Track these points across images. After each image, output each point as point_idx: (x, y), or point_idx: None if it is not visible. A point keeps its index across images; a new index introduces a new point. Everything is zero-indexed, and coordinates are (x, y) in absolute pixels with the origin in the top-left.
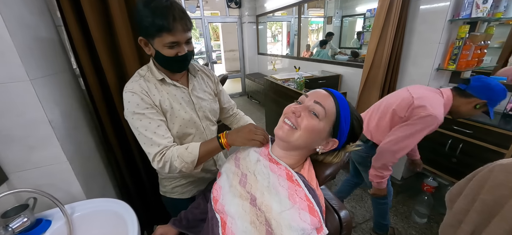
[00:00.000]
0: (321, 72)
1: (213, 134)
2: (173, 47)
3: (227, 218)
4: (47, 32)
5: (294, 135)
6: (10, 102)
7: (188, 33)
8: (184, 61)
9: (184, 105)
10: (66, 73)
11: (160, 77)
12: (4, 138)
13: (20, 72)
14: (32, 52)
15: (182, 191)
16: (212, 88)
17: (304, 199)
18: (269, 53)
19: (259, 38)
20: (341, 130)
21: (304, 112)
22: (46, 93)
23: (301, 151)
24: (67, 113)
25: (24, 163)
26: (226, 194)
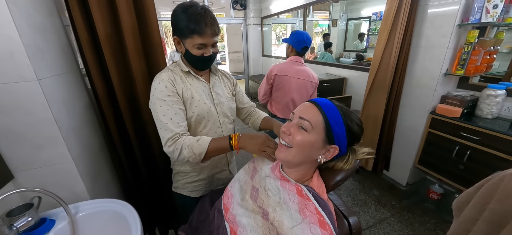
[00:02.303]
0: (325, 75)
1: (229, 131)
2: (201, 48)
3: (238, 228)
4: (55, 33)
5: (290, 154)
6: (18, 101)
7: (215, 38)
8: (208, 61)
9: (204, 97)
10: (73, 73)
11: (186, 69)
12: (12, 137)
13: (29, 72)
14: (40, 52)
15: (192, 189)
16: (230, 89)
17: (314, 213)
18: (273, 55)
19: (264, 40)
20: (336, 135)
21: (293, 128)
22: (53, 93)
23: (305, 165)
24: (73, 113)
25: (30, 162)
26: (237, 205)
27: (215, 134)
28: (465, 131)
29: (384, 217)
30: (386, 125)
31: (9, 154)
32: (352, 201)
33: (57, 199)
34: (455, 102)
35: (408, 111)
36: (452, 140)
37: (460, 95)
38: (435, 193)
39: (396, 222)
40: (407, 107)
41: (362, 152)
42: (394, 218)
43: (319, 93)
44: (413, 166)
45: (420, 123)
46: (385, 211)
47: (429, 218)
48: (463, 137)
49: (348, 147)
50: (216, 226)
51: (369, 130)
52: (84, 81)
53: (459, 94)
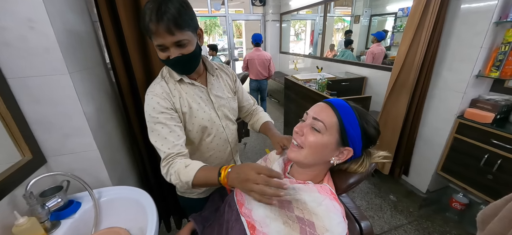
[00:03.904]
0: (345, 73)
1: (232, 133)
2: (163, 50)
3: (256, 222)
4: (85, 29)
5: (301, 154)
6: (52, 92)
7: (175, 36)
8: (178, 64)
9: (203, 104)
10: (100, 68)
11: (178, 78)
12: (46, 125)
13: (61, 65)
14: (71, 48)
15: (200, 191)
16: (231, 86)
17: (331, 194)
18: (291, 52)
19: (282, 37)
20: (350, 137)
21: (306, 129)
22: (82, 86)
23: (317, 167)
24: (99, 105)
25: (61, 149)
26: (252, 200)
27: (220, 140)
28: (497, 139)
29: (400, 224)
30: (407, 128)
31: (43, 141)
32: (366, 204)
33: (84, 184)
34: (487, 107)
35: (432, 114)
36: (481, 148)
37: (493, 99)
38: (459, 203)
39: (413, 230)
40: (431, 110)
41: (378, 155)
42: (411, 225)
43: (336, 92)
44: (435, 173)
45: (446, 128)
46: (402, 217)
47: (450, 229)
48: (494, 144)
49: (363, 149)
50: (226, 219)
51: (388, 133)
52: (109, 75)
53: (492, 98)
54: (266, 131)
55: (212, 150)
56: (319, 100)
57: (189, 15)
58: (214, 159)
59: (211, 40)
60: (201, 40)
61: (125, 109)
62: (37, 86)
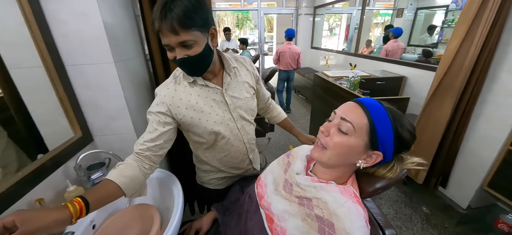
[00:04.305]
0: (381, 72)
1: (248, 135)
2: (170, 50)
3: (274, 215)
4: (129, 22)
5: (325, 155)
6: (100, 79)
7: (180, 36)
8: (184, 65)
9: (216, 107)
10: (140, 58)
11: (191, 79)
12: (94, 107)
13: (108, 55)
14: (117, 39)
15: (218, 183)
16: (250, 83)
17: (354, 196)
18: (323, 48)
19: (314, 31)
20: (381, 141)
21: (332, 129)
22: (124, 74)
23: (341, 168)
24: (138, 92)
25: (105, 129)
26: (272, 193)
27: (235, 141)
28: None
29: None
30: (450, 136)
31: (91, 122)
32: (394, 213)
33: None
34: None
35: (483, 121)
36: None
37: None
38: (507, 225)
39: None
40: (482, 117)
41: (411, 161)
42: None
43: (369, 92)
44: (480, 188)
45: (499, 138)
46: (434, 232)
47: None
48: None
49: (394, 154)
50: (246, 209)
51: (426, 139)
52: (148, 66)
53: None
54: (288, 127)
55: (226, 151)
56: (349, 99)
57: (199, 14)
58: (229, 159)
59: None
60: (214, 40)
61: None
62: (88, 73)
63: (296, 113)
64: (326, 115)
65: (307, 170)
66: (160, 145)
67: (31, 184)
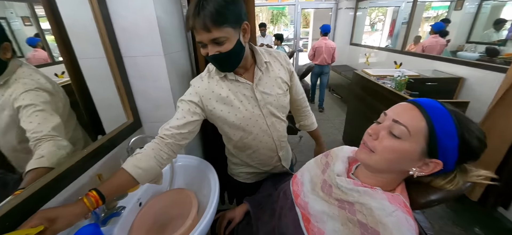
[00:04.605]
0: (432, 71)
1: (278, 132)
2: (203, 47)
3: (311, 215)
4: (177, 17)
5: (372, 159)
6: (151, 70)
7: (212, 34)
8: (216, 62)
9: (246, 102)
10: (184, 52)
11: (222, 74)
12: (144, 96)
13: (159, 48)
14: (167, 33)
15: (246, 177)
16: (284, 79)
17: (404, 206)
18: (363, 44)
19: (355, 27)
20: (442, 148)
21: (382, 132)
22: (171, 66)
23: (390, 175)
24: (181, 83)
25: (152, 117)
26: (309, 193)
27: (263, 137)
28: None
29: None
30: None
31: (141, 109)
32: (438, 230)
33: None
34: None
35: None
36: None
37: None
38: None
39: None
40: None
41: (477, 174)
42: None
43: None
44: None
45: None
46: None
47: None
48: None
49: (457, 164)
50: (280, 206)
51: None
52: (191, 59)
53: None
54: (316, 136)
55: (254, 147)
56: (394, 100)
57: (231, 10)
58: (258, 155)
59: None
60: (246, 36)
61: None
62: (142, 64)
63: (330, 113)
64: (364, 116)
65: (348, 173)
66: (183, 135)
67: (93, 160)
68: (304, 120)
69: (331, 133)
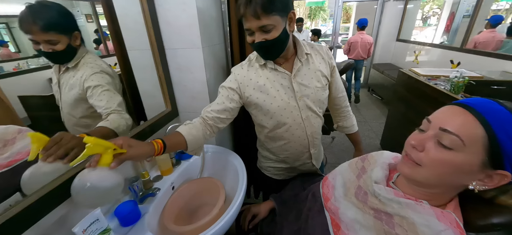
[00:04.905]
0: (499, 73)
1: (313, 127)
2: (250, 35)
3: (342, 222)
4: (216, 11)
5: (419, 173)
6: (189, 62)
7: (261, 21)
8: (261, 49)
9: (282, 92)
10: (221, 45)
11: (262, 62)
12: (182, 87)
13: (198, 41)
14: (206, 26)
15: (274, 172)
16: (324, 74)
17: (456, 227)
18: (412, 40)
19: (404, 21)
20: (509, 157)
21: (429, 143)
22: (207, 58)
23: (440, 188)
24: (216, 76)
25: (187, 107)
26: (341, 198)
27: (297, 130)
28: None
29: None
30: None
31: (178, 99)
32: None
33: None
34: None
35: None
36: None
37: None
38: None
39: None
40: None
41: None
42: None
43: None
44: None
45: None
46: None
47: None
48: None
49: None
50: (308, 207)
51: None
52: (227, 52)
53: None
54: (354, 140)
55: (286, 139)
56: (447, 103)
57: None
58: (289, 148)
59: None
60: (292, 25)
61: None
62: (181, 56)
63: (367, 114)
64: (408, 120)
65: (388, 181)
66: (221, 119)
67: None
68: (343, 120)
69: (367, 136)
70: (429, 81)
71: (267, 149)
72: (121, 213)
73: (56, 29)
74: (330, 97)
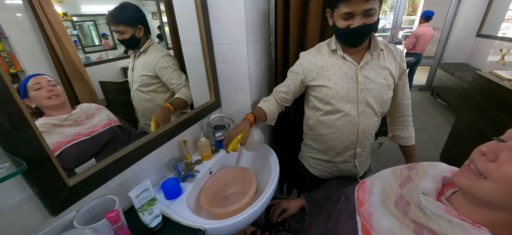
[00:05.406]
0: None
1: (366, 125)
2: (346, 19)
3: (374, 230)
4: (263, 8)
5: (481, 187)
6: (233, 56)
7: (368, 4)
8: (354, 34)
9: (344, 80)
10: (265, 41)
11: (333, 47)
12: (226, 80)
13: (243, 36)
14: (251, 23)
15: (313, 165)
16: (392, 73)
17: None
18: (500, 35)
19: (490, 11)
20: None
21: (506, 154)
22: (251, 54)
23: (506, 214)
24: (258, 71)
25: (230, 99)
26: (377, 204)
27: (349, 123)
28: None
29: None
30: None
31: (222, 91)
32: None
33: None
34: None
35: None
36: None
37: None
38: None
39: None
40: None
41: None
42: None
43: None
44: None
45: None
46: None
47: None
48: None
49: None
50: (339, 210)
51: None
52: (270, 48)
53: None
54: (408, 156)
55: (336, 128)
56: None
57: None
58: (335, 138)
59: None
60: (380, 12)
61: (275, 77)
62: (227, 51)
63: (428, 122)
64: (480, 132)
65: (438, 196)
66: (287, 99)
67: (182, 129)
68: (401, 130)
69: (424, 146)
70: None
71: (312, 137)
72: (166, 187)
73: (124, 23)
74: (394, 102)
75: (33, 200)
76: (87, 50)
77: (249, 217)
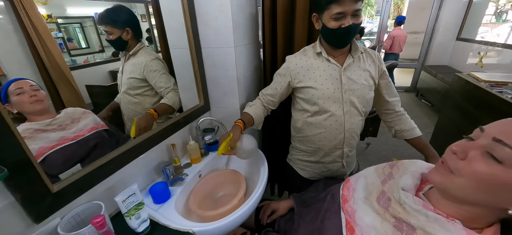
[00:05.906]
0: None
1: (352, 124)
2: (338, 19)
3: (357, 226)
4: (250, 12)
5: (452, 182)
6: (222, 60)
7: (357, 4)
8: (345, 34)
9: (330, 81)
10: (253, 45)
11: (318, 50)
12: (215, 84)
13: (230, 40)
14: (239, 26)
15: (302, 167)
16: (372, 75)
17: None
18: (478, 39)
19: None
20: None
21: (474, 152)
22: (239, 58)
23: (478, 209)
24: (247, 74)
25: (219, 102)
26: (360, 201)
27: (335, 122)
28: None
29: None
30: None
31: (211, 95)
32: None
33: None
34: None
35: None
36: None
37: None
38: None
39: None
40: None
41: None
42: None
43: None
44: None
45: None
46: None
47: None
48: None
49: None
50: (325, 208)
51: None
52: (259, 51)
53: None
54: (421, 146)
55: (323, 128)
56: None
57: None
58: (322, 138)
59: None
60: None
61: (264, 80)
62: (215, 55)
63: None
64: (461, 132)
65: (417, 191)
66: (273, 102)
67: (170, 132)
68: (399, 124)
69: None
70: (492, 88)
71: (300, 140)
72: (154, 191)
73: (110, 24)
74: (382, 100)
75: (15, 207)
76: (73, 53)
77: (239, 218)
